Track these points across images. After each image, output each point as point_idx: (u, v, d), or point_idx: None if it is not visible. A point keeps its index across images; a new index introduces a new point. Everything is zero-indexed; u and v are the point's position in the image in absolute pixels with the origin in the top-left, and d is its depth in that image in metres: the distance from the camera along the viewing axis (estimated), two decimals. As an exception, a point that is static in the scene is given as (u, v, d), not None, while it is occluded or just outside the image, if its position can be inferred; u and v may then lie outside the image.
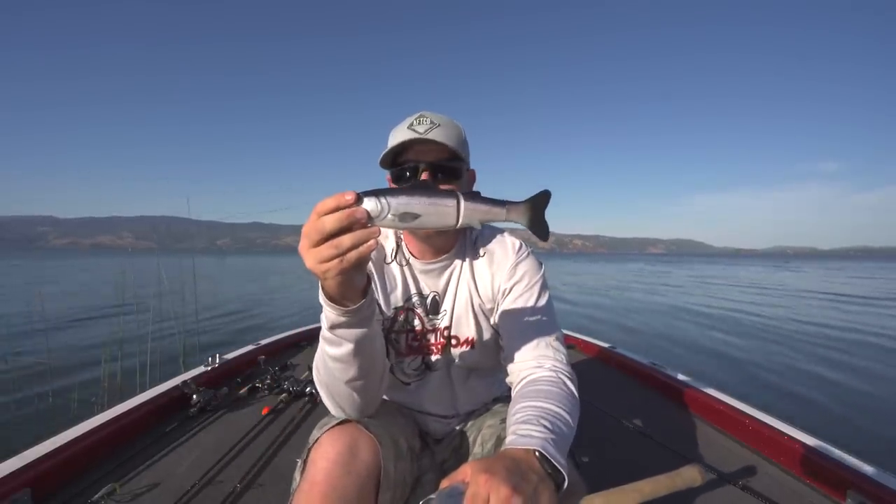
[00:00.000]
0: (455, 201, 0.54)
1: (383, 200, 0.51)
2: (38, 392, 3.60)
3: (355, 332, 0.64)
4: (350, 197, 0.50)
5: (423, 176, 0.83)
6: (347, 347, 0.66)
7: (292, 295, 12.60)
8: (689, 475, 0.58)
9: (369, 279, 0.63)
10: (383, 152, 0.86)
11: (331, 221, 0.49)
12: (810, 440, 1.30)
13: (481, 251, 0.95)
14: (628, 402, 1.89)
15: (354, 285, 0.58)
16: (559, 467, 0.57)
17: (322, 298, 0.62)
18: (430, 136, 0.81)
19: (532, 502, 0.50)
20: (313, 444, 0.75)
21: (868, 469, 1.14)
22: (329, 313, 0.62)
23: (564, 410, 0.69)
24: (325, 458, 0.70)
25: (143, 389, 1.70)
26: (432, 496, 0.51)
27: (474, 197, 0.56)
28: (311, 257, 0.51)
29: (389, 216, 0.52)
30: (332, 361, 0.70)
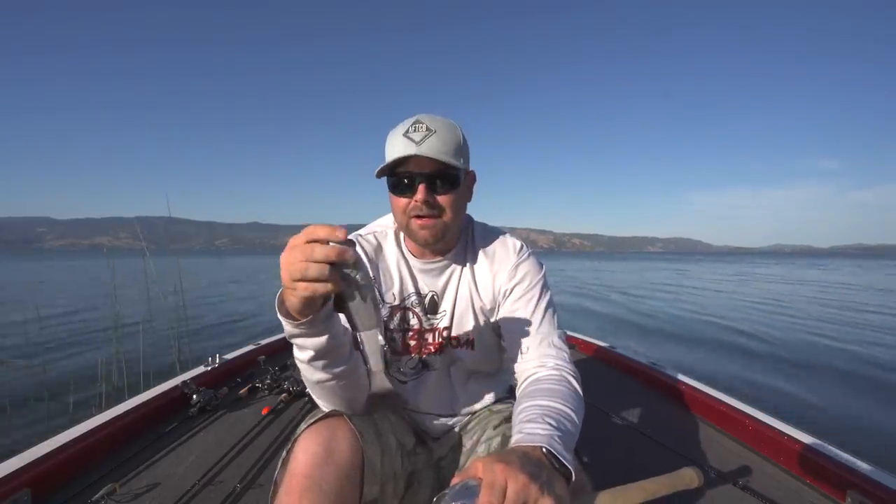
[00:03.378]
0: None
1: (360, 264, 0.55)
2: (37, 394, 3.59)
3: (312, 341, 0.65)
4: (341, 234, 0.52)
5: (420, 188, 0.82)
6: (307, 353, 0.67)
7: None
8: (687, 476, 0.61)
9: (328, 299, 0.63)
10: (381, 166, 0.83)
11: (321, 252, 0.52)
12: (810, 440, 1.30)
13: (482, 252, 0.95)
14: (628, 402, 1.90)
15: (315, 307, 0.60)
16: (566, 463, 0.57)
17: (277, 308, 0.63)
18: (426, 146, 0.80)
19: (547, 489, 0.51)
20: (297, 436, 0.76)
21: (868, 469, 1.14)
22: (284, 324, 0.64)
23: (569, 408, 0.70)
24: (305, 450, 0.71)
25: (140, 390, 1.70)
26: (445, 492, 0.52)
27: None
28: (293, 272, 0.53)
29: (358, 276, 0.56)
30: (300, 363, 0.72)
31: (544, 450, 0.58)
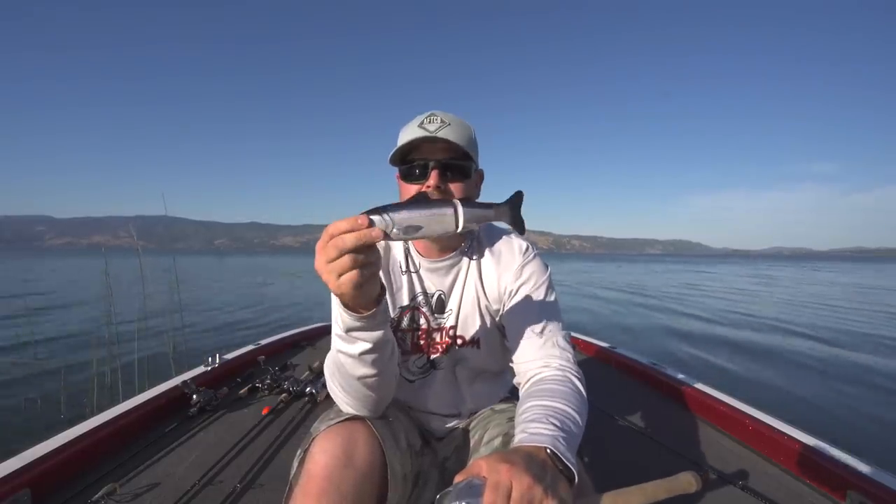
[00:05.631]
0: (453, 209, 0.59)
1: (387, 217, 0.55)
2: (28, 394, 3.58)
3: (371, 335, 0.66)
4: (363, 220, 0.54)
5: (433, 174, 0.83)
6: (363, 346, 0.68)
7: (291, 295, 12.58)
8: (685, 480, 0.62)
9: (383, 287, 0.65)
10: (393, 150, 0.86)
11: (350, 240, 0.53)
12: (810, 440, 1.31)
13: (488, 252, 0.96)
14: (628, 402, 1.90)
15: (370, 294, 0.61)
16: (569, 464, 0.57)
17: (337, 304, 0.64)
18: (441, 134, 0.82)
19: (551, 491, 0.51)
20: (315, 436, 0.75)
21: (868, 469, 1.14)
22: (345, 318, 0.64)
23: (573, 409, 0.70)
24: (324, 452, 0.70)
25: (135, 391, 1.70)
26: (449, 489, 0.52)
27: (467, 203, 0.61)
28: (330, 271, 0.54)
29: (395, 230, 0.56)
30: (344, 357, 0.71)
31: (548, 451, 0.58)
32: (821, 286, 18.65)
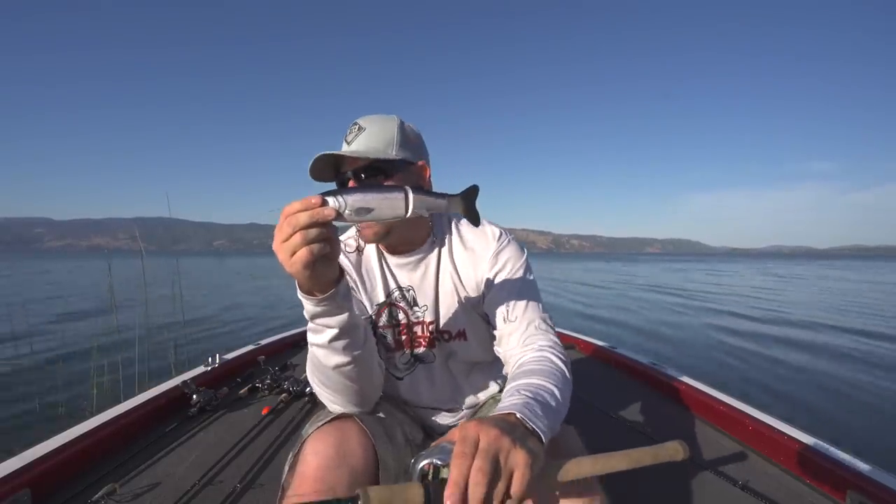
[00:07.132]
0: (403, 194, 0.61)
1: (340, 199, 0.58)
2: (29, 395, 3.58)
3: (335, 319, 0.67)
4: (316, 200, 0.56)
5: (350, 183, 0.83)
6: (330, 333, 0.68)
7: (291, 295, 12.55)
8: (672, 448, 0.61)
9: (342, 270, 0.66)
10: (310, 164, 0.81)
11: (304, 218, 0.55)
12: (810, 440, 1.30)
13: (460, 243, 0.95)
14: (628, 401, 1.90)
15: (325, 276, 0.61)
16: (536, 427, 0.58)
17: (298, 291, 0.66)
18: (354, 144, 0.83)
19: (520, 443, 0.52)
20: (305, 438, 0.75)
21: (868, 469, 1.14)
22: (306, 304, 0.66)
23: (549, 382, 0.69)
24: (316, 453, 0.71)
25: (135, 392, 1.70)
26: (423, 452, 0.54)
27: (420, 191, 0.63)
28: (284, 250, 0.56)
29: (347, 211, 0.58)
30: (316, 349, 0.72)
31: (517, 415, 0.58)
32: (827, 281, 18.80)
